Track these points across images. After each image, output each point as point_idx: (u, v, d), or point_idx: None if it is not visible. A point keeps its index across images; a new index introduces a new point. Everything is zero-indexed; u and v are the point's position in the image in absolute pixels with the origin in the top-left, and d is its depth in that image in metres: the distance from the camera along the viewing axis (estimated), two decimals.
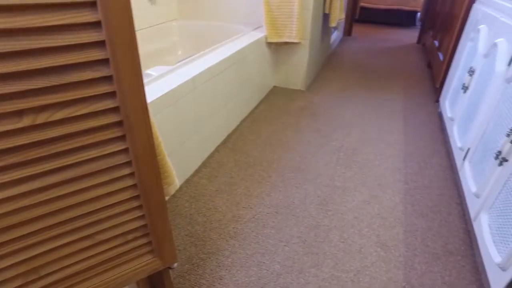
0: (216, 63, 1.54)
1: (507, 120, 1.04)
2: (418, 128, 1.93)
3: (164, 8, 2.35)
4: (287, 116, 2.01)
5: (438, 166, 1.59)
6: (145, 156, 0.62)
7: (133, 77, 0.53)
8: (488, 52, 1.37)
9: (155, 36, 2.28)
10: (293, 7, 2.02)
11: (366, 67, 2.96)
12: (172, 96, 1.25)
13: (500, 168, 1.01)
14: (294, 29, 2.06)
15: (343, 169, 1.54)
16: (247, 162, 1.58)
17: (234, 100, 1.82)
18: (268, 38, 2.09)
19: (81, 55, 0.48)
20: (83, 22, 0.46)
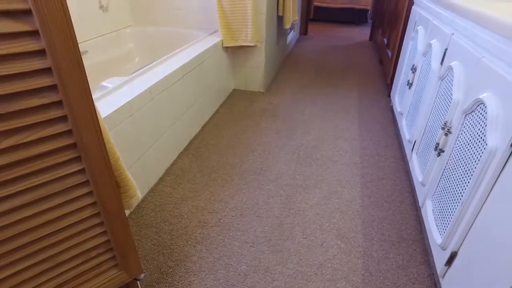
0: (173, 71, 1.55)
1: (442, 114, 1.15)
2: (372, 123, 2.04)
3: (117, 16, 2.32)
4: (248, 118, 2.06)
5: (392, 158, 1.70)
6: (102, 175, 0.63)
7: (83, 100, 0.54)
8: (425, 51, 1.49)
9: (110, 44, 2.24)
10: (247, 11, 2.06)
11: (322, 66, 3.07)
12: (129, 108, 1.25)
13: (439, 159, 1.11)
14: (249, 32, 2.11)
15: (303, 167, 1.61)
16: (210, 167, 1.60)
17: (194, 106, 1.83)
18: (224, 42, 2.13)
19: (27, 83, 0.49)
20: (26, 51, 0.47)
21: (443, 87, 1.20)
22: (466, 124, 0.95)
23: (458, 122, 1.00)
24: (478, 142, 0.86)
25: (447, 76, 1.17)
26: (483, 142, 0.83)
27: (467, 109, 0.94)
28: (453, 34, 1.21)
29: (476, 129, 0.88)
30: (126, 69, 2.33)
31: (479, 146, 0.85)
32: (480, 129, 0.86)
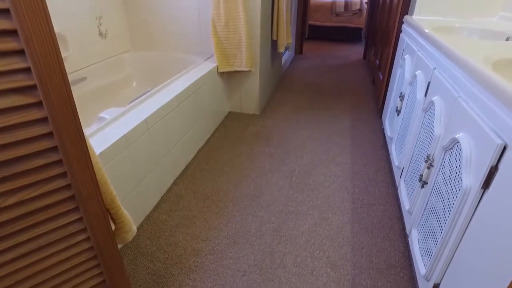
0: (169, 100, 1.61)
1: (426, 146, 1.20)
2: (364, 146, 2.09)
3: (116, 41, 2.39)
4: (242, 142, 2.11)
5: (382, 183, 1.75)
6: (99, 221, 0.67)
7: (81, 158, 0.59)
8: (411, 80, 1.55)
9: (108, 70, 2.31)
10: (241, 37, 2.14)
11: (316, 86, 3.14)
12: (125, 140, 1.30)
13: (423, 190, 1.16)
14: (244, 58, 2.18)
15: (295, 193, 1.65)
16: (205, 193, 1.64)
17: (190, 131, 1.88)
18: (219, 68, 2.19)
19: (30, 146, 0.54)
20: (32, 120, 0.52)
21: (426, 120, 1.25)
22: (446, 160, 1.00)
23: (439, 157, 1.05)
24: (455, 180, 0.91)
25: (430, 109, 1.23)
26: (459, 180, 0.88)
27: (446, 145, 1.00)
28: (435, 69, 1.27)
29: (454, 167, 0.93)
30: (124, 93, 2.39)
31: (456, 184, 0.90)
32: (457, 167, 0.91)
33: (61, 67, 0.50)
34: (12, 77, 0.48)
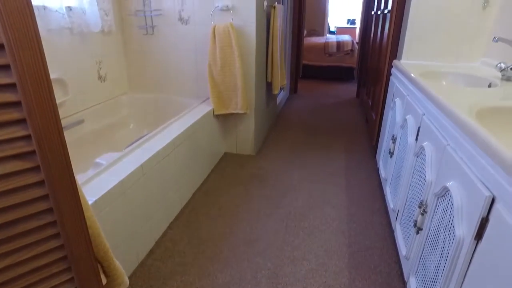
0: (165, 145, 1.63)
1: (419, 191, 1.21)
2: (359, 187, 2.10)
3: (114, 84, 2.45)
4: (238, 184, 2.11)
5: (379, 225, 1.74)
6: (91, 281, 0.67)
7: (75, 220, 0.59)
8: (402, 124, 1.59)
9: (106, 111, 2.35)
10: (237, 81, 2.20)
11: (311, 125, 3.20)
12: (121, 186, 1.30)
13: (418, 236, 1.15)
14: (239, 101, 2.23)
15: (291, 237, 1.64)
16: (200, 238, 1.62)
17: (186, 175, 1.89)
18: (215, 111, 2.24)
19: (26, 209, 0.55)
20: (29, 183, 0.53)
21: (418, 164, 1.28)
22: (438, 207, 1.01)
23: (431, 203, 1.06)
24: (449, 229, 0.91)
25: (421, 154, 1.25)
26: (453, 229, 0.88)
27: (438, 193, 1.01)
28: (424, 114, 1.31)
29: (446, 215, 0.94)
30: (121, 135, 2.42)
31: (450, 233, 0.90)
32: (449, 216, 0.91)
33: (60, 134, 0.52)
34: (12, 145, 0.50)
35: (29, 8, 0.48)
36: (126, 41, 2.47)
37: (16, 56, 0.46)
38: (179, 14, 2.31)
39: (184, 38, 2.36)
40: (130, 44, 2.48)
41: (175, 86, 2.51)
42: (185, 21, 2.32)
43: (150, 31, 2.41)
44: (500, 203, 0.70)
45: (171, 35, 2.38)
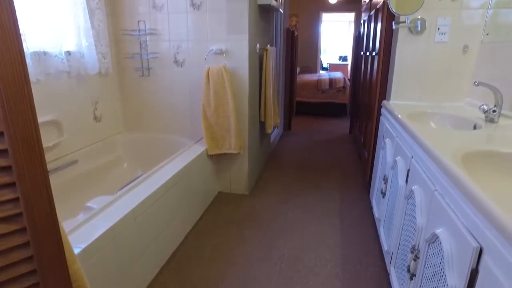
0: (158, 188, 1.63)
1: (411, 235, 1.21)
2: (354, 227, 2.09)
3: (109, 124, 2.48)
4: (231, 225, 2.09)
5: (374, 267, 1.71)
6: None
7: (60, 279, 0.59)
8: (393, 165, 1.62)
9: (101, 151, 2.36)
10: (230, 122, 2.24)
11: (305, 163, 3.22)
12: (111, 232, 1.28)
13: (412, 282, 1.14)
14: (233, 141, 2.26)
15: (285, 280, 1.60)
16: (192, 283, 1.58)
17: (178, 216, 1.87)
18: (208, 151, 2.26)
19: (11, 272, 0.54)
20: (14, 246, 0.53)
21: (409, 208, 1.28)
22: (430, 254, 1.00)
23: (423, 249, 1.06)
24: (441, 277, 0.90)
25: (411, 197, 1.26)
26: (445, 278, 0.88)
27: (428, 239, 1.01)
28: (412, 157, 1.34)
29: (438, 263, 0.93)
30: (115, 174, 2.41)
31: (442, 281, 0.90)
32: (441, 264, 0.91)
33: (49, 196, 0.53)
34: (0, 208, 0.50)
35: (25, 76, 0.50)
36: (122, 82, 2.53)
37: (10, 123, 0.48)
38: (175, 57, 2.39)
39: (179, 79, 2.42)
40: (126, 85, 2.54)
41: (170, 125, 2.55)
42: (180, 64, 2.40)
43: (146, 73, 2.48)
44: (488, 255, 0.70)
45: (167, 76, 2.45)
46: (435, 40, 1.99)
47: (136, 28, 2.40)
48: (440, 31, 1.97)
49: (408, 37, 2.01)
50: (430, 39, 1.99)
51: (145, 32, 2.39)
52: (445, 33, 1.97)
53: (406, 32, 2.01)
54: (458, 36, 1.96)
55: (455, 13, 1.93)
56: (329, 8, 7.12)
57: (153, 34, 2.39)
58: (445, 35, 1.97)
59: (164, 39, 2.38)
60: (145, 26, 2.39)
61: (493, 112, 1.49)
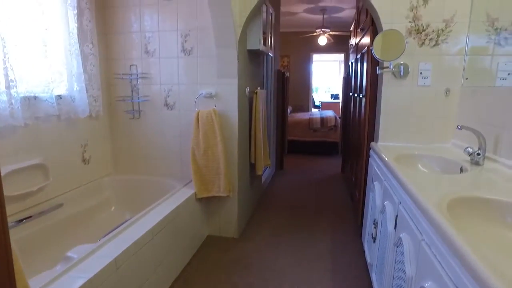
0: (143, 234, 1.58)
1: (402, 285, 1.17)
2: (346, 271, 2.02)
3: (98, 166, 2.46)
4: (220, 271, 2.02)
5: None
6: None
7: None
8: (382, 209, 1.60)
9: (87, 194, 2.31)
10: (219, 164, 2.23)
11: (296, 204, 3.18)
12: (89, 285, 1.22)
13: None
14: (222, 184, 2.24)
15: None
16: None
17: (165, 263, 1.81)
18: (197, 194, 2.23)
19: None
20: None
21: (398, 256, 1.25)
22: None
23: None
24: None
25: (400, 245, 1.23)
26: None
27: None
28: (400, 203, 1.32)
29: None
30: (101, 218, 2.35)
31: None
32: None
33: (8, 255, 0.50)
34: None
35: None
36: (113, 124, 2.55)
37: None
38: (165, 100, 2.43)
39: (169, 122, 2.44)
40: (116, 128, 2.55)
41: (159, 168, 2.53)
42: (171, 107, 2.43)
43: (136, 116, 2.50)
44: None
45: (157, 119, 2.46)
46: (418, 83, 2.05)
47: (128, 72, 2.45)
48: (423, 75, 2.04)
49: (392, 81, 2.07)
50: (414, 83, 2.05)
51: (137, 76, 2.44)
52: (428, 77, 2.03)
53: (391, 76, 2.07)
54: (440, 80, 2.02)
55: (435, 59, 2.01)
56: (319, 49, 7.39)
57: (144, 78, 2.44)
58: (428, 79, 2.04)
59: (155, 83, 2.43)
60: (137, 70, 2.44)
61: (477, 155, 1.50)
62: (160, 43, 2.38)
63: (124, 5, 2.39)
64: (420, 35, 2.01)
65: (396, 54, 1.93)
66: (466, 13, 1.94)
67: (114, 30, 2.44)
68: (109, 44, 2.46)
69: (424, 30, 2.01)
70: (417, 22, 2.01)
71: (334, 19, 6.18)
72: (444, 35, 1.99)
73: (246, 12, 2.19)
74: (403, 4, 2.00)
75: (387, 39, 1.96)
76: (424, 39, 2.01)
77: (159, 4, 2.34)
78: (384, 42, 1.98)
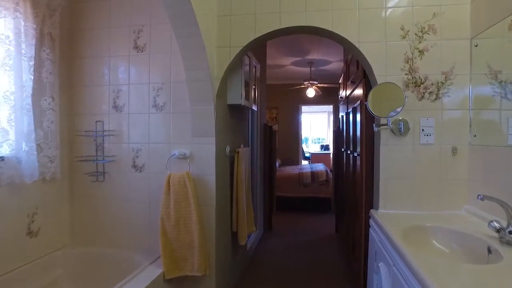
0: None
1: None
2: None
3: (50, 238, 2.06)
4: None
5: None
6: None
7: None
8: None
9: (33, 274, 1.90)
10: (193, 238, 1.88)
11: (286, 272, 2.77)
12: None
13: None
14: (196, 261, 1.86)
15: None
16: None
17: None
18: (166, 274, 1.84)
19: None
20: None
21: None
22: None
23: None
24: None
25: None
26: None
27: None
28: None
29: None
30: None
31: None
32: None
33: None
34: None
35: None
36: (72, 188, 2.20)
37: None
38: (133, 161, 2.12)
39: (138, 186, 2.12)
40: (76, 192, 2.20)
41: (125, 238, 2.15)
42: (140, 168, 2.11)
43: (100, 178, 2.17)
44: None
45: (124, 182, 2.14)
46: (421, 142, 1.80)
47: (93, 128, 2.16)
48: (425, 132, 1.80)
49: (391, 138, 1.82)
50: (416, 141, 1.81)
51: (102, 133, 2.16)
52: (431, 134, 1.79)
53: (389, 134, 1.83)
54: (445, 137, 1.78)
55: (437, 113, 1.79)
56: (308, 101, 7.33)
57: (111, 136, 2.15)
58: (431, 136, 1.79)
59: (123, 141, 2.14)
60: (103, 127, 2.16)
61: (509, 234, 1.20)
62: (130, 97, 2.13)
63: (93, 55, 2.17)
64: (418, 88, 1.81)
65: (395, 109, 1.70)
66: (466, 65, 1.76)
67: (81, 83, 2.19)
68: (73, 97, 2.20)
69: (422, 82, 1.80)
70: (414, 74, 1.81)
71: (321, 72, 6.17)
72: (444, 88, 1.79)
73: (225, 63, 1.97)
74: (398, 55, 1.81)
75: (383, 93, 1.74)
76: (424, 93, 1.80)
77: (130, 55, 2.13)
78: (380, 97, 1.75)
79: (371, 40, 1.83)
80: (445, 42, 1.77)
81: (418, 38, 1.80)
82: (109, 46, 2.15)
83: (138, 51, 2.12)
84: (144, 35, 2.11)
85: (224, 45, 1.97)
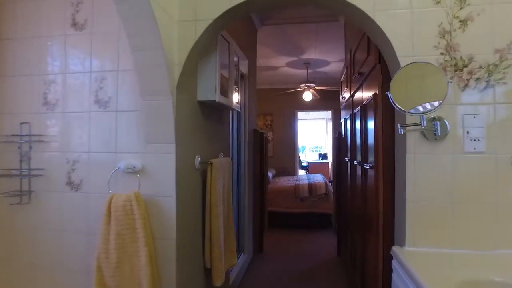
0: None
1: None
2: None
3: None
4: None
5: None
6: None
7: None
8: None
9: None
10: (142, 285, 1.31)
11: None
12: None
13: None
14: None
15: None
16: None
17: None
18: None
19: None
20: None
21: None
22: None
23: None
24: None
25: None
26: None
27: None
28: None
29: None
30: None
31: None
32: None
33: None
34: None
35: None
36: None
37: None
38: (68, 176, 1.57)
39: (74, 211, 1.56)
40: None
41: (54, 282, 1.57)
42: (76, 186, 1.56)
43: (25, 199, 1.61)
44: None
45: (55, 205, 1.58)
46: (465, 149, 1.26)
47: (16, 132, 1.61)
48: (471, 136, 1.26)
49: (422, 145, 1.29)
50: (458, 148, 1.27)
51: (29, 139, 1.60)
52: (480, 139, 1.26)
53: (418, 138, 1.29)
54: (501, 143, 1.25)
55: (488, 109, 1.26)
56: (305, 106, 6.82)
57: (39, 142, 1.60)
58: (480, 141, 1.25)
59: (55, 149, 1.59)
60: (29, 131, 1.61)
61: None
62: (65, 90, 1.59)
63: (17, 36, 1.63)
64: (460, 73, 1.27)
65: (431, 101, 1.16)
66: None
67: (1, 72, 1.65)
68: None
69: (465, 65, 1.27)
70: (454, 54, 1.28)
71: (319, 74, 5.67)
72: (498, 72, 1.25)
73: (189, 43, 1.43)
74: (430, 27, 1.28)
75: (413, 78, 1.21)
76: (468, 79, 1.27)
77: (66, 34, 1.59)
78: (406, 84, 1.22)
79: (391, 7, 1.31)
80: (499, 6, 1.24)
81: (458, 2, 1.27)
82: (38, 23, 1.61)
83: (76, 30, 1.58)
84: (85, 8, 1.58)
85: (188, 18, 1.43)
